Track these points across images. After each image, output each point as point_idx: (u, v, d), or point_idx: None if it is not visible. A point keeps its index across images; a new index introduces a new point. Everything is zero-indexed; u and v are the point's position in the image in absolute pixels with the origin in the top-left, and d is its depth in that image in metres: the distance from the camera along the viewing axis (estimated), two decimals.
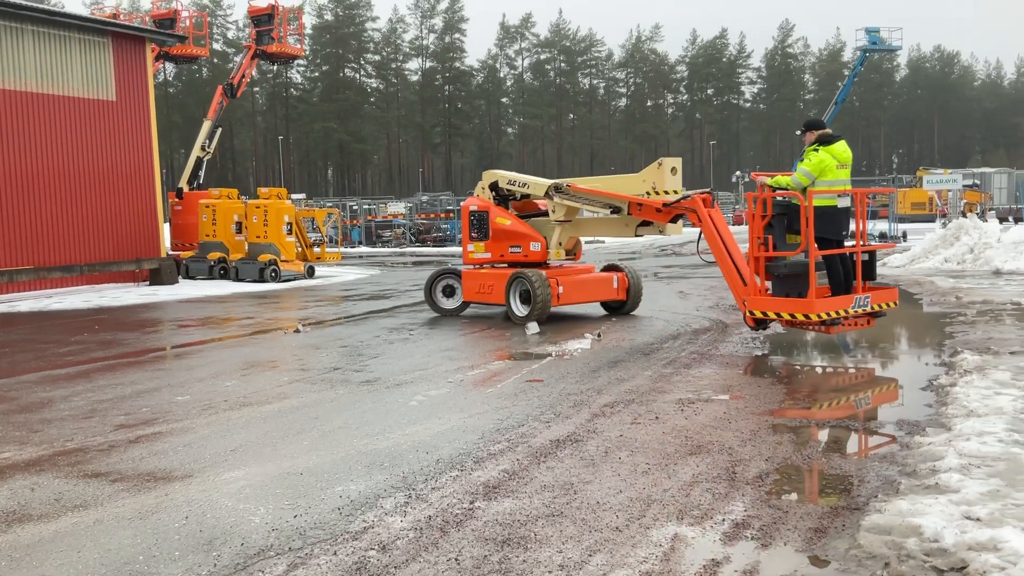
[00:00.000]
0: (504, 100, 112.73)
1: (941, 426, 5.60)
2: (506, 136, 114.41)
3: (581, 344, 9.61)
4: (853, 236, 9.35)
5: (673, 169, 11.06)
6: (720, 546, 3.85)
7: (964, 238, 18.74)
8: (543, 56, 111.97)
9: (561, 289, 11.54)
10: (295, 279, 20.59)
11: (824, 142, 8.98)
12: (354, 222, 42.42)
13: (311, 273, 21.31)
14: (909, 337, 10.24)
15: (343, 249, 32.00)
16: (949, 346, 8.79)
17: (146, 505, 4.58)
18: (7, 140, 17.36)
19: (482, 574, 3.61)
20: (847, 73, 64.81)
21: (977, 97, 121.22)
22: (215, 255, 21.43)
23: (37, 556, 3.92)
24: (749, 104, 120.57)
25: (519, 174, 12.89)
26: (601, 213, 11.61)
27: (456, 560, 3.75)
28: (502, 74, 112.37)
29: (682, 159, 11.56)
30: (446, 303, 12.84)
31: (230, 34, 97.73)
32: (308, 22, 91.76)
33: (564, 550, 3.82)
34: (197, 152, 26.55)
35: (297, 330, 11.66)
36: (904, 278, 16.55)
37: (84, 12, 30.39)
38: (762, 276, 9.04)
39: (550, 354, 9.05)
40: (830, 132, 9.20)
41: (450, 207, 40.03)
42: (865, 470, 4.86)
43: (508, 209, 12.61)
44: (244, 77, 27.40)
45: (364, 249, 38.15)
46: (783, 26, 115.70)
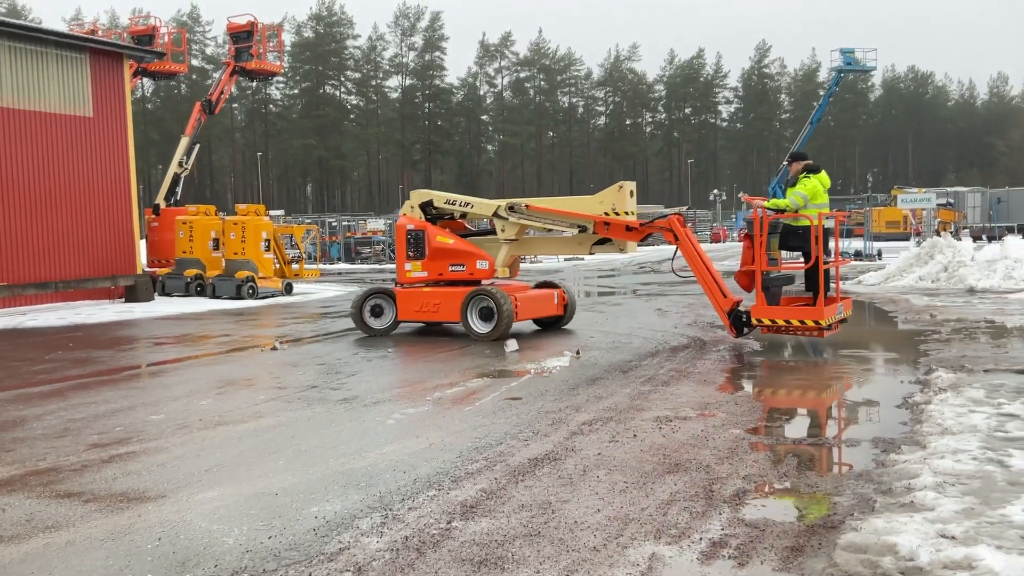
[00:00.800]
0: (484, 118, 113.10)
1: (916, 444, 5.64)
2: (486, 153, 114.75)
3: (560, 362, 9.63)
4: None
5: (632, 192, 11.71)
6: (698, 565, 3.85)
7: (938, 256, 18.92)
8: (523, 74, 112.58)
9: (519, 305, 11.79)
10: (273, 296, 20.46)
11: (812, 171, 10.41)
12: (333, 239, 42.32)
13: (289, 290, 21.19)
14: (884, 355, 10.33)
15: (322, 266, 31.87)
16: (924, 364, 8.86)
17: (119, 526, 4.52)
18: None
19: None
20: (822, 93, 65.41)
21: (951, 117, 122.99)
22: (192, 272, 21.25)
23: None
24: (726, 123, 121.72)
25: (457, 195, 13.11)
26: (568, 232, 11.95)
27: None
28: (482, 92, 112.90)
29: (636, 183, 12.18)
30: (375, 323, 12.58)
31: (209, 50, 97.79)
32: (288, 39, 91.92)
33: (542, 570, 3.81)
34: (174, 168, 26.41)
35: (274, 347, 11.59)
36: (879, 296, 16.70)
37: (62, 28, 30.20)
38: (758, 287, 10.12)
39: (529, 371, 9.05)
40: (812, 162, 10.62)
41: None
42: (841, 488, 4.87)
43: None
44: (223, 93, 27.34)
45: (343, 266, 38.02)
46: (759, 47, 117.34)
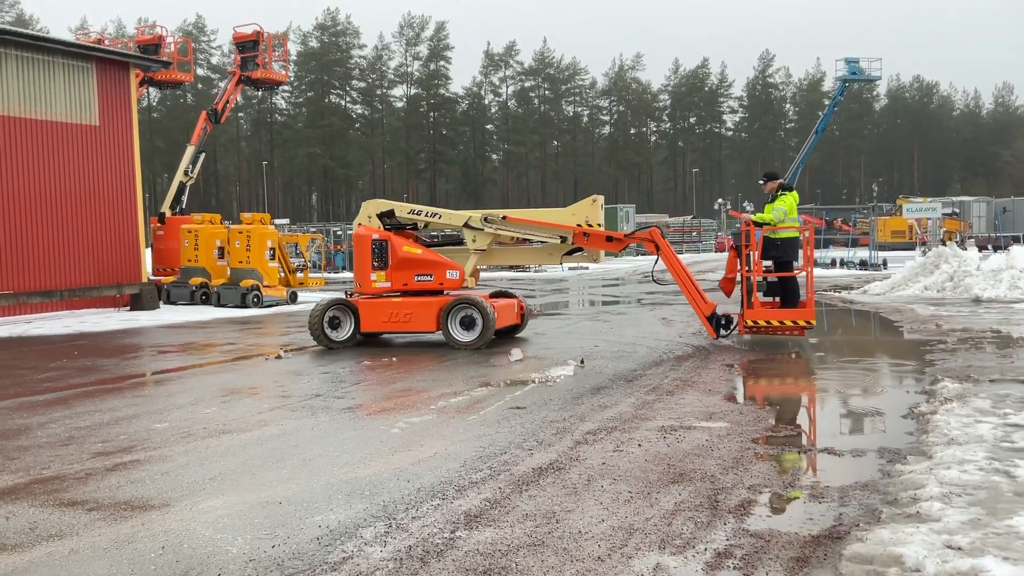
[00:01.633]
0: (489, 127, 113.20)
1: (922, 454, 5.62)
2: (491, 162, 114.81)
3: (564, 371, 9.61)
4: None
5: (602, 206, 12.71)
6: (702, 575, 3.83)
7: (944, 266, 18.88)
8: (527, 84, 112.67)
9: (497, 315, 12.09)
10: (277, 304, 20.49)
11: (786, 188, 11.89)
12: (338, 247, 42.34)
13: (293, 299, 21.21)
14: (890, 364, 10.29)
15: (327, 274, 31.91)
16: (930, 374, 8.84)
17: (122, 534, 4.51)
18: None
19: None
20: (827, 103, 65.54)
21: (956, 127, 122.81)
22: (197, 280, 21.30)
23: None
24: (731, 133, 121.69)
25: (422, 205, 13.26)
26: (551, 241, 12.42)
27: None
28: (487, 101, 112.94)
29: (603, 197, 13.20)
30: (335, 335, 12.36)
31: (214, 60, 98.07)
32: (293, 49, 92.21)
33: None
34: (180, 177, 26.47)
35: (279, 356, 11.59)
36: (884, 305, 16.67)
37: (69, 37, 30.32)
38: (751, 292, 11.37)
39: (533, 381, 9.04)
40: (784, 181, 12.32)
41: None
42: (847, 498, 4.85)
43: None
44: (228, 103, 27.43)
45: (348, 275, 37.99)
46: (764, 56, 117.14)
